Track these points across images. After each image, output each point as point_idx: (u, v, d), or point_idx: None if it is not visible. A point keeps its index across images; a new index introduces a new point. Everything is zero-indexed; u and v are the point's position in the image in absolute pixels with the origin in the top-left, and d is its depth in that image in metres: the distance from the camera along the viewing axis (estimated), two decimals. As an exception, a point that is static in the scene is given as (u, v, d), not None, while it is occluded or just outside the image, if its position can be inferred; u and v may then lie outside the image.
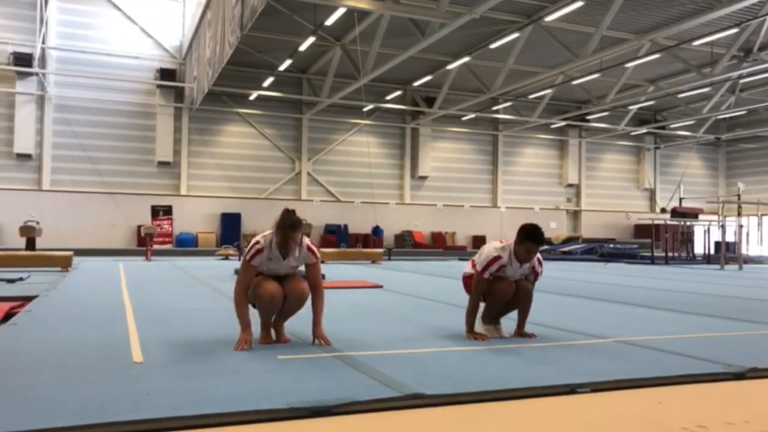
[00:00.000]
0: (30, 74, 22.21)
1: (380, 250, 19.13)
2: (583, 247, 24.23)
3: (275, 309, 4.31)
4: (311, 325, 4.31)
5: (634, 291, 9.37)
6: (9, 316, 5.59)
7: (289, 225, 4.19)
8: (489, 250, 4.65)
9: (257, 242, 4.27)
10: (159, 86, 23.85)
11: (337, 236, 24.82)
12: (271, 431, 2.55)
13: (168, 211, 23.63)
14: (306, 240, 4.37)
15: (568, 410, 2.91)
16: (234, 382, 3.17)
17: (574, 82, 22.74)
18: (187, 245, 23.23)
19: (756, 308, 7.24)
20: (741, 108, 26.69)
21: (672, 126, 30.48)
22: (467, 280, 4.94)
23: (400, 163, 27.83)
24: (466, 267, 4.98)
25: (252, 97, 24.59)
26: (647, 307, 7.14)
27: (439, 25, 15.84)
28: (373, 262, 17.50)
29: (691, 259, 21.40)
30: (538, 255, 4.73)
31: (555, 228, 29.63)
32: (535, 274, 4.81)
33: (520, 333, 4.77)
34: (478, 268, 4.63)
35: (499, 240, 4.86)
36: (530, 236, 4.53)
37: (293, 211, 4.30)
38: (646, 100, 26.25)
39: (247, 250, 4.32)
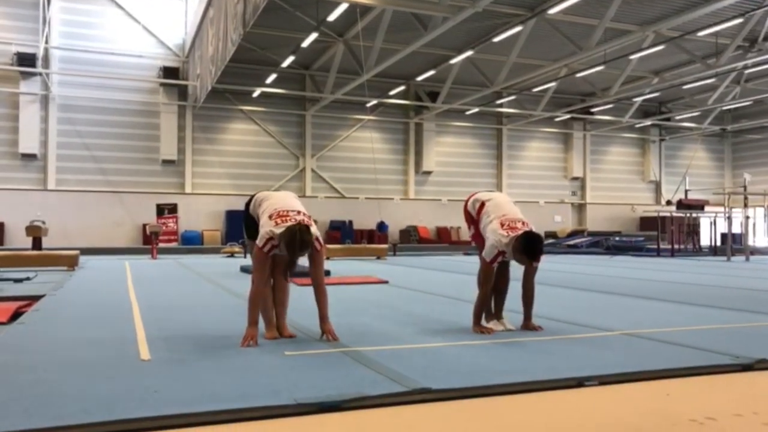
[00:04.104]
0: (33, 74, 22.26)
1: (385, 246, 19.10)
2: (589, 241, 24.18)
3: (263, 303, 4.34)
4: (318, 320, 4.30)
5: (641, 283, 9.34)
6: (17, 315, 5.60)
7: (297, 247, 3.99)
8: (497, 239, 4.55)
9: (271, 237, 4.09)
10: (162, 85, 23.87)
11: (341, 232, 24.81)
12: (278, 427, 2.55)
13: (173, 209, 23.66)
14: (315, 233, 4.17)
15: (575, 403, 2.91)
16: (241, 379, 3.17)
17: (578, 75, 22.66)
18: (192, 243, 23.28)
19: (764, 299, 7.21)
20: (746, 99, 26.55)
21: (677, 118, 30.35)
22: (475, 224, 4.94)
23: (404, 158, 27.79)
24: (493, 224, 4.67)
25: (255, 94, 24.60)
26: (654, 299, 7.11)
27: (441, 19, 15.81)
28: (378, 257, 17.49)
29: (698, 251, 21.30)
30: None
31: (560, 221, 29.57)
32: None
33: (527, 326, 4.77)
34: (487, 258, 4.61)
35: (509, 224, 4.60)
36: (527, 251, 4.48)
37: (304, 231, 4.01)
38: (650, 92, 26.13)
39: (259, 240, 4.11)
